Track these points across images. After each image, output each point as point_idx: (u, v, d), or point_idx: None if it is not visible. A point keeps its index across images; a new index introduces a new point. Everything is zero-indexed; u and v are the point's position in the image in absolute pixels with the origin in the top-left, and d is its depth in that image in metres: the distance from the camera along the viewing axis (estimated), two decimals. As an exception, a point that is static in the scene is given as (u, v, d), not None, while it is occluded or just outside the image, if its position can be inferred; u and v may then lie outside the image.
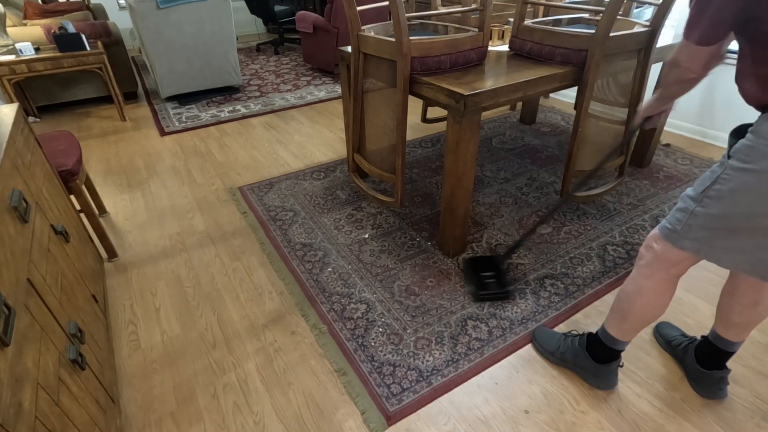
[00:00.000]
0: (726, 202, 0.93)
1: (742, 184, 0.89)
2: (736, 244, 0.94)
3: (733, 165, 0.91)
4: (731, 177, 0.91)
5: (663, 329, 1.48)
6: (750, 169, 0.87)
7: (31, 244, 1.02)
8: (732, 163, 0.91)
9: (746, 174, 0.88)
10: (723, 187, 0.93)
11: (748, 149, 0.88)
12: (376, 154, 2.02)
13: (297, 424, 1.26)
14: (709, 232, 0.97)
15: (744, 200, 0.90)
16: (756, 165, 0.87)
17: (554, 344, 1.42)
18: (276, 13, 5.07)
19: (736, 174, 0.90)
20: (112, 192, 2.44)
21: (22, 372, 0.76)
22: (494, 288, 1.65)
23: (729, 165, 0.92)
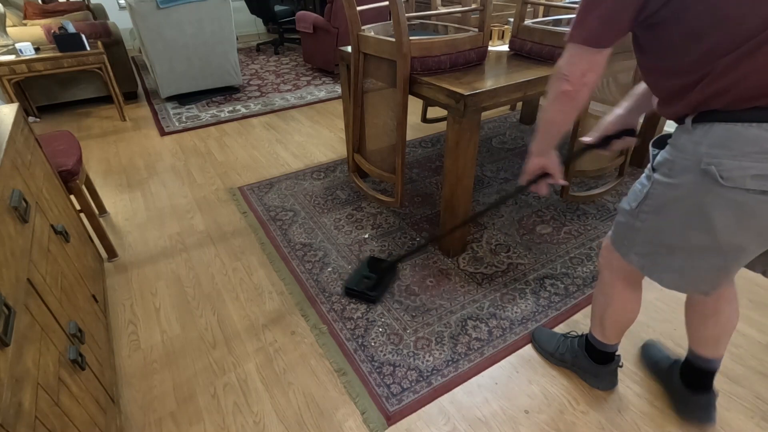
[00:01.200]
0: (660, 218, 0.89)
1: (670, 199, 0.86)
2: (676, 263, 0.91)
3: (658, 179, 0.87)
4: (659, 192, 0.87)
5: (649, 351, 1.41)
6: (673, 183, 0.84)
7: (31, 244, 1.02)
8: (657, 177, 0.87)
9: (671, 189, 0.85)
10: (654, 203, 0.89)
11: (669, 163, 0.84)
12: (376, 154, 2.02)
13: (297, 424, 1.26)
14: (650, 248, 0.94)
15: (674, 216, 0.86)
16: (678, 179, 0.83)
17: (553, 345, 1.41)
18: (276, 13, 5.07)
19: (662, 189, 0.86)
20: (112, 192, 2.44)
21: (22, 372, 0.76)
22: (365, 288, 1.65)
23: (655, 179, 0.87)
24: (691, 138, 0.79)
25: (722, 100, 0.74)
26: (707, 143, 0.77)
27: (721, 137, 0.75)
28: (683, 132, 0.82)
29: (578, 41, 0.82)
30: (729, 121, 0.74)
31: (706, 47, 0.72)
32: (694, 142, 0.79)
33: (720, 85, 0.73)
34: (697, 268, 0.89)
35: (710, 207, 0.79)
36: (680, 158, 0.82)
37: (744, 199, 0.76)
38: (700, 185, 0.79)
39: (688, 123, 0.80)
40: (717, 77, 0.73)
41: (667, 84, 0.82)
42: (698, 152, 0.78)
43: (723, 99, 0.74)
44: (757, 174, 0.73)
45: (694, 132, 0.79)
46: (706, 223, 0.81)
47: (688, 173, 0.81)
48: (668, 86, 0.82)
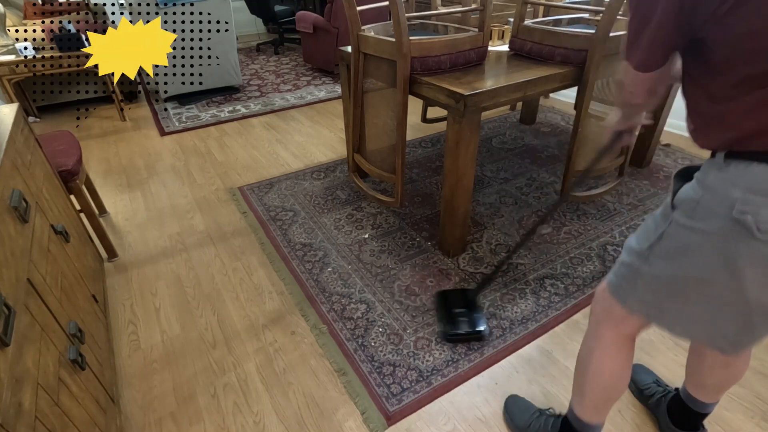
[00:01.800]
0: (674, 264, 0.77)
1: (690, 245, 0.74)
2: (690, 312, 0.79)
3: (678, 220, 0.75)
4: (677, 234, 0.75)
5: (635, 374, 1.32)
6: (697, 228, 0.72)
7: (31, 244, 1.02)
8: (677, 217, 0.75)
9: (693, 233, 0.73)
10: (669, 245, 0.77)
11: (693, 203, 0.72)
12: (376, 154, 2.02)
13: (297, 424, 1.26)
14: (657, 295, 0.82)
15: (693, 264, 0.74)
16: (703, 224, 0.71)
17: (525, 420, 1.21)
18: (276, 13, 5.07)
19: (682, 231, 0.74)
20: (112, 192, 2.44)
21: (22, 372, 0.76)
22: (466, 327, 1.49)
23: (674, 219, 0.76)
24: (723, 176, 0.68)
25: (764, 141, 0.63)
26: (743, 186, 0.65)
27: (761, 180, 0.63)
28: (714, 168, 0.70)
29: (632, 65, 0.78)
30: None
31: (750, 70, 0.62)
32: (727, 181, 0.67)
33: (764, 120, 0.62)
34: (716, 321, 0.77)
35: (741, 261, 0.68)
36: (708, 199, 0.70)
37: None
38: (730, 235, 0.68)
39: (720, 157, 0.69)
40: (760, 110, 0.62)
41: (706, 109, 0.71)
42: (731, 195, 0.66)
43: (764, 139, 0.63)
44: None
45: (727, 169, 0.67)
46: (735, 278, 0.70)
47: (716, 219, 0.69)
48: (706, 112, 0.71)
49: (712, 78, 0.68)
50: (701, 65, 0.69)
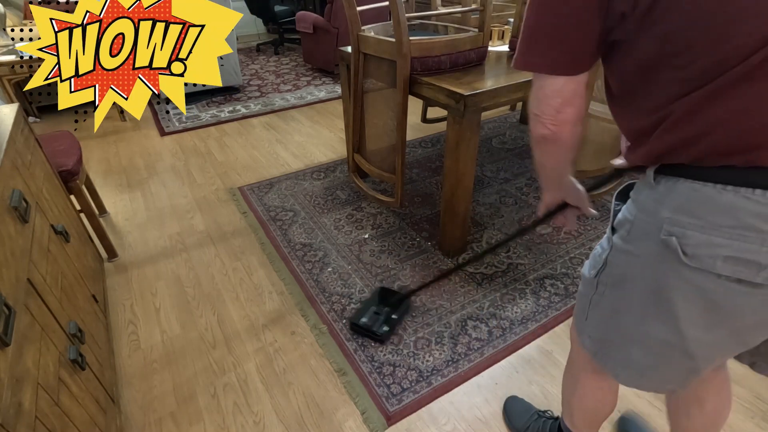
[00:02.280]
0: (617, 295, 0.70)
1: (627, 272, 0.67)
2: (633, 357, 0.71)
3: (617, 244, 0.68)
4: (617, 260, 0.69)
5: (624, 426, 1.22)
6: (631, 252, 0.65)
7: (31, 244, 1.02)
8: (616, 240, 0.68)
9: (629, 258, 0.66)
10: (612, 273, 0.70)
11: (628, 224, 0.66)
12: (376, 154, 2.02)
13: (297, 424, 1.26)
14: (604, 333, 0.75)
15: (631, 296, 0.67)
16: (636, 247, 0.65)
17: (524, 422, 1.20)
18: (276, 13, 5.07)
19: (621, 257, 0.68)
20: (112, 192, 2.44)
21: (22, 372, 0.76)
22: (369, 323, 1.50)
23: (614, 244, 0.69)
24: (654, 194, 0.62)
25: (689, 153, 0.57)
26: (669, 205, 0.59)
27: (687, 200, 0.57)
28: (645, 186, 0.64)
29: (536, 69, 0.64)
30: (698, 179, 0.56)
31: (667, 76, 0.56)
32: (657, 200, 0.61)
33: (685, 132, 0.56)
34: (658, 367, 0.70)
35: (671, 291, 0.61)
36: (640, 219, 0.64)
37: (713, 286, 0.58)
38: (659, 260, 0.61)
39: (650, 174, 0.62)
40: (679, 121, 0.56)
41: (629, 125, 0.65)
42: (659, 215, 0.60)
43: (689, 151, 0.57)
44: (730, 256, 0.55)
45: (657, 187, 0.61)
46: (667, 312, 0.63)
47: (648, 241, 0.62)
48: (630, 127, 0.65)
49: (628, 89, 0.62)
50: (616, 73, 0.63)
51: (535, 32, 0.62)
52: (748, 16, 0.48)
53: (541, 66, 0.63)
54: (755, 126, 0.52)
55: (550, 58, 0.61)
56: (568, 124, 0.66)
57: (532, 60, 0.64)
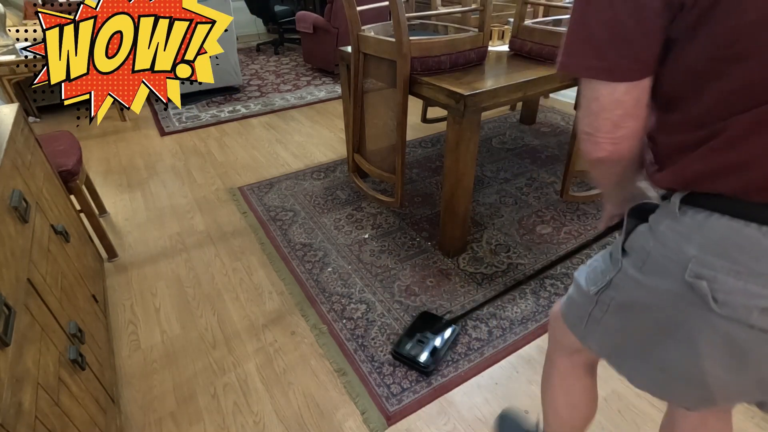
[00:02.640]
0: (623, 320, 0.66)
1: (638, 302, 0.61)
2: (648, 371, 0.66)
3: (627, 270, 0.62)
4: (626, 286, 0.63)
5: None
6: (645, 285, 0.59)
7: (31, 244, 1.02)
8: (626, 266, 0.62)
9: (642, 290, 0.60)
10: (617, 297, 0.65)
11: (644, 254, 0.59)
12: (376, 154, 2.02)
13: (297, 424, 1.26)
14: (614, 345, 0.70)
15: (642, 325, 0.62)
16: (652, 281, 0.58)
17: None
18: (276, 13, 5.07)
19: (630, 285, 0.62)
20: (112, 192, 2.44)
21: (22, 372, 0.76)
22: (413, 352, 1.40)
23: (624, 268, 0.63)
24: (677, 227, 0.54)
25: (733, 182, 0.49)
26: (699, 242, 0.52)
27: (722, 239, 0.50)
28: (667, 215, 0.56)
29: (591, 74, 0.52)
30: (737, 217, 0.49)
31: (727, 87, 0.47)
32: (681, 234, 0.54)
33: (736, 155, 0.48)
34: (674, 386, 0.65)
35: (696, 333, 0.55)
36: (660, 252, 0.57)
37: (745, 336, 0.51)
38: (682, 301, 0.54)
39: (676, 202, 0.54)
40: (733, 141, 0.47)
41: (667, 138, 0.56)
42: (685, 252, 0.53)
43: (734, 180, 0.48)
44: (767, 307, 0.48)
45: (682, 219, 0.53)
46: (689, 351, 0.57)
47: (668, 278, 0.55)
48: (667, 141, 0.56)
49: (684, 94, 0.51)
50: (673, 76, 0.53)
51: (587, 29, 0.51)
52: None
53: (598, 71, 0.51)
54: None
55: (607, 61, 0.50)
56: (628, 140, 0.55)
57: (585, 63, 0.52)
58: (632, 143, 0.56)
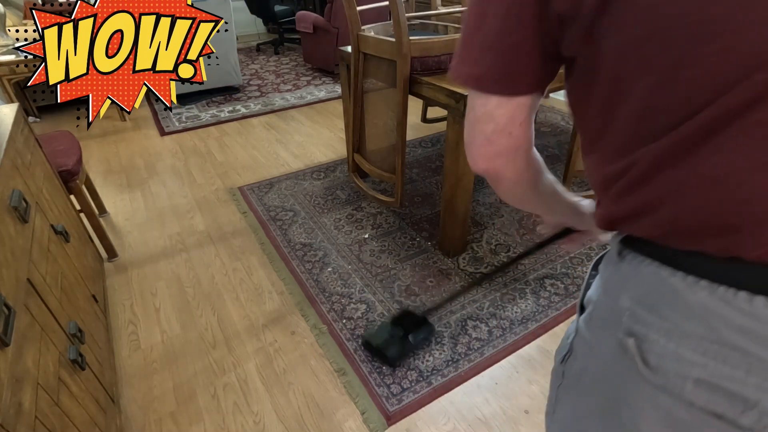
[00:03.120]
0: (577, 393, 0.55)
1: (588, 368, 0.52)
2: None
3: (580, 329, 0.53)
4: (579, 349, 0.53)
5: None
6: (591, 343, 0.50)
7: (31, 244, 1.02)
8: (581, 324, 0.53)
9: (588, 351, 0.51)
10: (575, 364, 0.54)
11: (591, 306, 0.51)
12: (376, 154, 2.02)
13: (297, 424, 1.26)
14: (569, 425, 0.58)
15: (591, 398, 0.52)
16: (595, 338, 0.50)
17: None
18: (276, 13, 5.07)
19: (582, 347, 0.52)
20: (112, 192, 2.44)
21: (22, 372, 0.76)
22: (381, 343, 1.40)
23: (579, 328, 0.53)
24: (616, 274, 0.47)
25: (647, 225, 0.42)
26: (632, 293, 0.44)
27: (652, 290, 0.43)
28: (610, 260, 0.49)
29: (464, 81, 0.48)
30: (664, 263, 0.41)
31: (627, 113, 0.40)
32: (619, 283, 0.47)
33: (645, 193, 0.41)
34: None
35: (638, 413, 0.45)
36: (602, 303, 0.49)
37: (685, 416, 0.41)
38: (618, 364, 0.46)
39: (615, 245, 0.48)
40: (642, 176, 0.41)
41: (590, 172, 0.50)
42: (620, 305, 0.45)
43: (648, 222, 0.42)
44: (704, 379, 0.39)
45: (621, 265, 0.46)
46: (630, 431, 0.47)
47: (606, 334, 0.47)
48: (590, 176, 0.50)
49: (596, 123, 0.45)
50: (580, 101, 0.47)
51: (468, 35, 0.46)
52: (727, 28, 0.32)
53: (469, 78, 0.47)
54: (732, 199, 0.36)
55: (478, 69, 0.46)
56: (502, 158, 0.50)
57: (461, 69, 0.47)
58: (509, 164, 0.50)
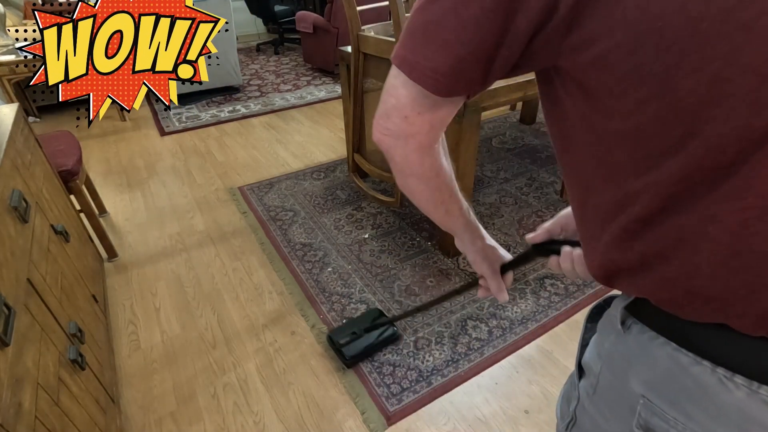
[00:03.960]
0: None
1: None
2: None
3: (583, 400, 0.48)
4: (584, 423, 0.49)
5: None
6: (598, 422, 0.45)
7: (31, 244, 1.02)
8: (582, 393, 0.48)
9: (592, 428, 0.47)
10: None
11: (593, 378, 0.45)
12: (376, 154, 2.02)
13: (297, 424, 1.26)
14: None
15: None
16: (602, 417, 0.44)
17: None
18: (276, 13, 5.07)
19: (587, 420, 0.48)
20: (112, 192, 2.44)
21: (22, 372, 0.76)
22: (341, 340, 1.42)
23: (580, 396, 0.49)
24: (621, 348, 0.41)
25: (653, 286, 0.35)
26: (645, 377, 0.38)
27: (669, 379, 0.35)
28: (612, 328, 0.42)
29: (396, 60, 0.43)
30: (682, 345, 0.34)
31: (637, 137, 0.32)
32: (626, 359, 0.40)
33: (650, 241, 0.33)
34: None
35: None
36: (606, 380, 0.43)
37: None
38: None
39: (617, 310, 0.41)
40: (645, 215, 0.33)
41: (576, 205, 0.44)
42: (630, 388, 0.39)
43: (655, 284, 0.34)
44: None
45: (626, 338, 0.40)
46: None
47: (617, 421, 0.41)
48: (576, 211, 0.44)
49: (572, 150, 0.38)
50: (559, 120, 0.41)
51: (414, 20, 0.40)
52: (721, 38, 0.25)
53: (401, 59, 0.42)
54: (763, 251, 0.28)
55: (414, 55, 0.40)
56: (391, 137, 0.46)
57: (399, 51, 0.43)
58: (398, 147, 0.46)
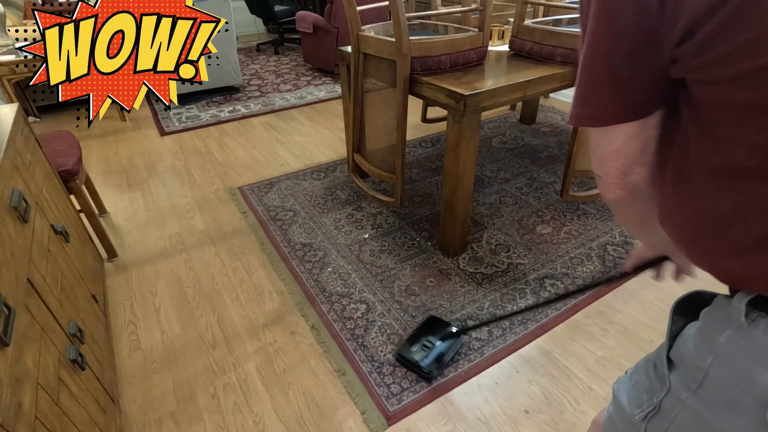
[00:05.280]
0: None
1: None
2: None
3: (678, 393, 0.48)
4: (679, 415, 0.48)
5: None
6: (707, 418, 0.45)
7: (31, 244, 1.02)
8: (676, 386, 0.48)
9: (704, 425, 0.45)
10: (663, 425, 0.51)
11: (698, 372, 0.45)
12: (376, 154, 2.03)
13: (297, 424, 1.26)
14: None
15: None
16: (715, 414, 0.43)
17: None
18: (276, 13, 5.07)
19: (686, 415, 0.47)
20: (112, 192, 2.44)
21: (22, 372, 0.76)
22: (417, 357, 1.38)
23: (673, 388, 0.49)
24: (745, 343, 0.40)
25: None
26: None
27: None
28: (728, 322, 0.41)
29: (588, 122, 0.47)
30: None
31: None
32: (752, 355, 0.39)
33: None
34: None
35: None
36: (721, 375, 0.42)
37: None
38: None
39: (739, 306, 0.40)
40: None
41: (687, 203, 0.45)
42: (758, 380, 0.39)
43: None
44: None
45: (752, 333, 0.39)
46: None
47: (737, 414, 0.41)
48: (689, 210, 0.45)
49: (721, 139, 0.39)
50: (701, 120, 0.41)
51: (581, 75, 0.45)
52: None
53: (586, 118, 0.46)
54: None
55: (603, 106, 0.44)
56: (638, 180, 0.48)
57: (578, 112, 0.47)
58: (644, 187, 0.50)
